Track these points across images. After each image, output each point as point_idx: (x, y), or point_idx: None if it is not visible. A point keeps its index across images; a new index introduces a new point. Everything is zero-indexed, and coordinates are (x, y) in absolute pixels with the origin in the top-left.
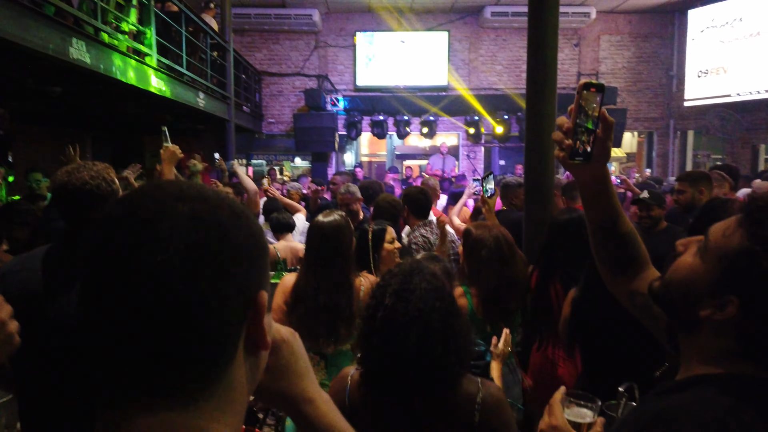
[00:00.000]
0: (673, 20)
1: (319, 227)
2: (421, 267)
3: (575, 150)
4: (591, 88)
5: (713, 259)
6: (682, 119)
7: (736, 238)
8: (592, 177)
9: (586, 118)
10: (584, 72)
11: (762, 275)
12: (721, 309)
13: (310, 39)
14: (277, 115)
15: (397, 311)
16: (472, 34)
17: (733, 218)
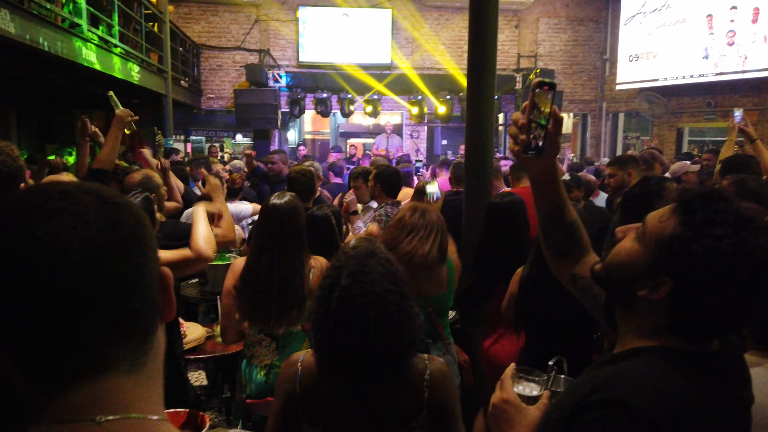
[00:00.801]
0: (607, 5)
1: (276, 209)
2: (376, 251)
3: (528, 144)
4: (544, 86)
5: (650, 243)
6: (613, 102)
7: (670, 225)
8: (543, 169)
9: (539, 114)
10: (524, 54)
11: (693, 258)
12: (656, 289)
13: (251, 12)
14: (217, 90)
15: (353, 293)
16: (415, 13)
17: (668, 207)
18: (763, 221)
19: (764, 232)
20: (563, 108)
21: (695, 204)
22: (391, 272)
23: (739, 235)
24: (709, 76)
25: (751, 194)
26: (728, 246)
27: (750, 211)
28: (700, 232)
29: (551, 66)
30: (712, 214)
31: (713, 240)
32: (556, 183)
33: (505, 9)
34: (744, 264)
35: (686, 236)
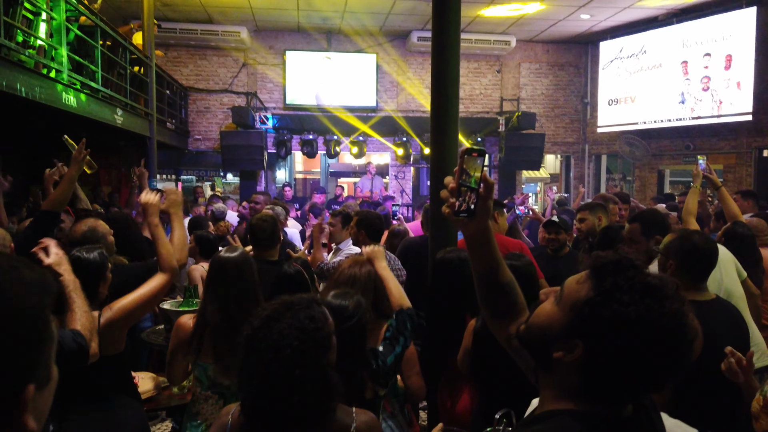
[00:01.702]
0: (586, 51)
1: (231, 262)
2: (298, 305)
3: (459, 207)
4: (473, 153)
5: (566, 307)
6: (596, 144)
7: (584, 290)
8: (477, 231)
9: (468, 179)
10: (506, 97)
11: (601, 323)
12: (570, 351)
13: (238, 56)
14: (204, 131)
15: (257, 336)
16: (400, 57)
17: (585, 272)
18: (670, 291)
19: (670, 301)
20: (546, 149)
21: (606, 270)
22: (305, 328)
23: (645, 302)
24: (686, 120)
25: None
26: (633, 312)
27: (657, 280)
28: (609, 298)
29: (533, 109)
30: (621, 281)
31: (620, 306)
32: (489, 244)
33: (488, 54)
34: (648, 331)
35: (596, 301)
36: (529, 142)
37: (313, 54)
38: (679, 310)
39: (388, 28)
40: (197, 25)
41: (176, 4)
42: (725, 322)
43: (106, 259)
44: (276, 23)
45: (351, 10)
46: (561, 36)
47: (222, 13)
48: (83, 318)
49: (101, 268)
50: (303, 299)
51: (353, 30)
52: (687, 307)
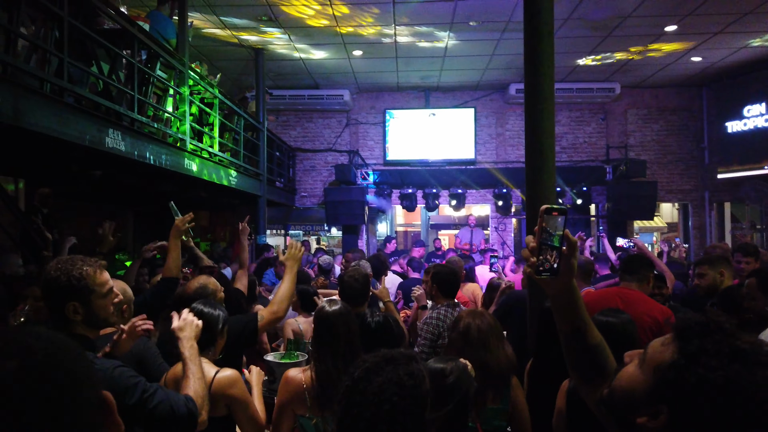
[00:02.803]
0: (700, 94)
1: (337, 315)
2: (400, 360)
3: (542, 266)
4: (553, 212)
5: (649, 370)
6: (717, 191)
7: (668, 353)
8: (560, 290)
9: (549, 237)
10: (612, 144)
11: (686, 388)
12: (654, 417)
13: (341, 117)
14: (309, 189)
15: (357, 387)
16: (498, 110)
17: (670, 334)
18: (764, 356)
19: (761, 367)
20: (660, 198)
21: (692, 333)
22: (404, 385)
23: (733, 367)
24: None
25: None
26: (720, 378)
27: (747, 345)
28: (694, 362)
29: (643, 156)
30: (708, 344)
31: (706, 370)
32: (576, 304)
33: (591, 102)
34: (736, 398)
35: (680, 364)
36: (639, 191)
37: (412, 111)
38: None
39: (485, 82)
40: (304, 91)
41: (286, 74)
42: None
43: (225, 315)
44: (376, 84)
45: (448, 68)
46: (671, 80)
47: (327, 78)
48: (196, 384)
49: (219, 322)
50: (403, 354)
51: (450, 86)
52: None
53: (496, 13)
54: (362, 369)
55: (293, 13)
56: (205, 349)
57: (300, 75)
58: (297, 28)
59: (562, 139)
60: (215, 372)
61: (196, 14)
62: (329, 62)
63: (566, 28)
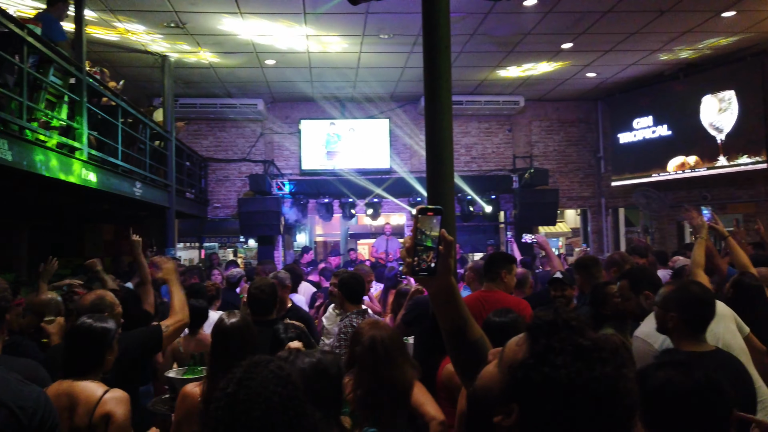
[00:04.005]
0: (596, 107)
1: (233, 328)
2: (263, 361)
3: (419, 265)
4: (428, 212)
5: (504, 369)
6: (612, 198)
7: (521, 351)
8: (439, 289)
9: (425, 238)
10: (518, 154)
11: (534, 386)
12: (508, 416)
13: (256, 126)
14: (223, 200)
15: (238, 397)
16: (412, 121)
17: (524, 333)
18: (606, 353)
19: (602, 363)
20: (562, 204)
21: (541, 332)
22: (281, 376)
23: (576, 365)
24: (700, 170)
25: None
26: (564, 376)
27: (590, 342)
28: (541, 360)
29: (546, 165)
30: (554, 343)
31: (552, 369)
32: (455, 302)
33: (498, 114)
34: (579, 396)
35: (529, 364)
36: (543, 198)
37: (327, 121)
38: (613, 374)
39: (399, 94)
40: (216, 99)
41: (197, 82)
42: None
43: (115, 328)
44: (291, 94)
45: (362, 79)
46: (569, 94)
47: (240, 87)
48: None
49: (108, 337)
50: (261, 358)
51: (365, 97)
52: (626, 371)
53: (405, 27)
54: (236, 379)
55: (202, 20)
56: (92, 366)
57: (211, 83)
58: (207, 35)
59: (472, 150)
60: (103, 392)
61: (96, 17)
62: (242, 71)
63: (473, 43)
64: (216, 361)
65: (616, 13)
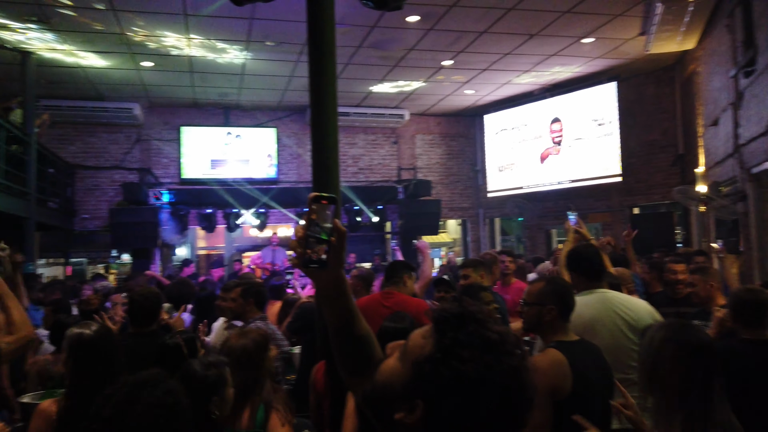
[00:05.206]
0: (474, 122)
1: (77, 340)
2: (152, 380)
3: (310, 257)
4: (322, 200)
5: (409, 363)
6: (488, 208)
7: (427, 345)
8: (330, 282)
9: (318, 229)
10: (404, 166)
11: (441, 381)
12: (410, 412)
13: (131, 132)
14: (93, 210)
15: (113, 425)
16: (299, 131)
17: (430, 326)
18: (510, 346)
19: (509, 357)
20: (444, 215)
21: (448, 325)
22: (166, 404)
23: (484, 358)
24: (565, 183)
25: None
26: (472, 370)
27: (496, 335)
28: (449, 354)
29: (429, 177)
30: (462, 336)
31: (460, 363)
32: (345, 296)
33: (384, 127)
34: (487, 389)
35: (436, 358)
36: (426, 208)
37: (210, 129)
38: (517, 366)
39: (286, 103)
40: (86, 102)
41: (63, 83)
42: (592, 360)
43: None
44: (170, 99)
45: (247, 86)
46: (451, 109)
47: (113, 89)
48: None
49: None
50: (152, 375)
51: (251, 105)
52: (526, 363)
53: (291, 35)
54: (114, 402)
55: (69, 14)
56: None
57: (80, 84)
58: (75, 32)
59: (359, 161)
60: None
61: None
62: (115, 72)
63: (359, 55)
64: (73, 377)
65: (491, 34)
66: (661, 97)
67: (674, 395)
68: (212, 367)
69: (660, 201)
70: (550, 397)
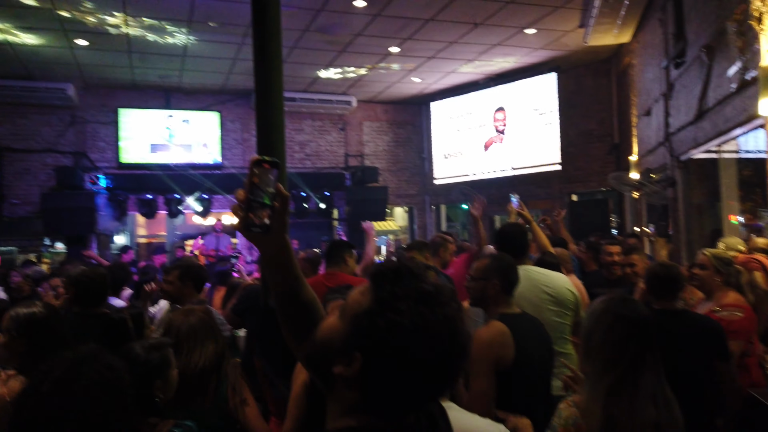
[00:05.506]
0: (421, 111)
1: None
2: (91, 355)
3: (252, 221)
4: (264, 163)
5: (348, 318)
6: (435, 195)
7: (365, 300)
8: (274, 247)
9: (261, 193)
10: (350, 153)
11: (378, 333)
12: (349, 365)
13: (65, 113)
14: (23, 195)
15: (52, 404)
16: (244, 115)
17: (368, 283)
18: (446, 297)
19: (444, 307)
20: (391, 202)
21: (384, 279)
22: (108, 380)
23: (419, 309)
24: (508, 171)
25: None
26: (408, 320)
27: (432, 287)
28: (385, 307)
29: (377, 164)
30: (398, 289)
31: (396, 314)
32: (290, 261)
33: (332, 113)
34: (423, 338)
35: (373, 310)
36: (373, 195)
37: (151, 111)
38: (452, 316)
39: (231, 87)
40: (14, 81)
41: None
42: (533, 332)
43: None
44: (107, 80)
45: (190, 68)
46: (398, 97)
47: (44, 68)
48: None
49: None
50: (91, 350)
51: (194, 88)
52: (461, 314)
53: (235, 16)
54: (53, 378)
55: None
56: None
57: (9, 62)
58: (2, 6)
59: (306, 147)
60: None
61: None
62: (47, 50)
63: (305, 40)
64: (25, 358)
65: (437, 22)
66: (599, 89)
67: (605, 364)
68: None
69: (597, 188)
70: (493, 367)
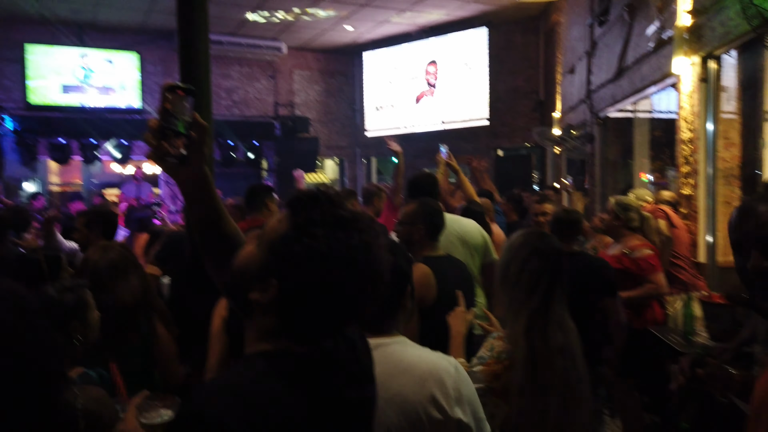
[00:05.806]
0: (353, 61)
1: None
2: (9, 289)
3: (167, 151)
4: (177, 90)
5: (264, 245)
6: (366, 148)
7: (282, 227)
8: (192, 180)
9: (175, 120)
10: (281, 102)
11: (294, 258)
12: (265, 291)
13: None
14: None
15: None
16: (166, 58)
17: (285, 211)
18: (363, 224)
19: (360, 233)
20: (321, 153)
21: (301, 205)
22: (13, 297)
23: (336, 234)
24: (438, 125)
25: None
26: (324, 245)
27: (349, 213)
28: (302, 232)
29: (307, 114)
30: (314, 215)
31: (312, 239)
32: (210, 191)
33: (261, 60)
34: (338, 263)
35: (289, 236)
36: (303, 146)
37: (62, 48)
38: (368, 241)
39: (151, 26)
40: None
41: None
42: (456, 274)
43: None
44: (10, 12)
45: (104, 3)
46: (330, 45)
47: None
48: None
49: None
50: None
51: (110, 26)
52: (379, 240)
53: None
54: None
55: None
56: None
57: None
58: None
59: (233, 94)
60: None
61: None
62: None
63: None
64: None
65: None
66: (527, 45)
67: (522, 293)
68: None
69: (521, 144)
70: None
